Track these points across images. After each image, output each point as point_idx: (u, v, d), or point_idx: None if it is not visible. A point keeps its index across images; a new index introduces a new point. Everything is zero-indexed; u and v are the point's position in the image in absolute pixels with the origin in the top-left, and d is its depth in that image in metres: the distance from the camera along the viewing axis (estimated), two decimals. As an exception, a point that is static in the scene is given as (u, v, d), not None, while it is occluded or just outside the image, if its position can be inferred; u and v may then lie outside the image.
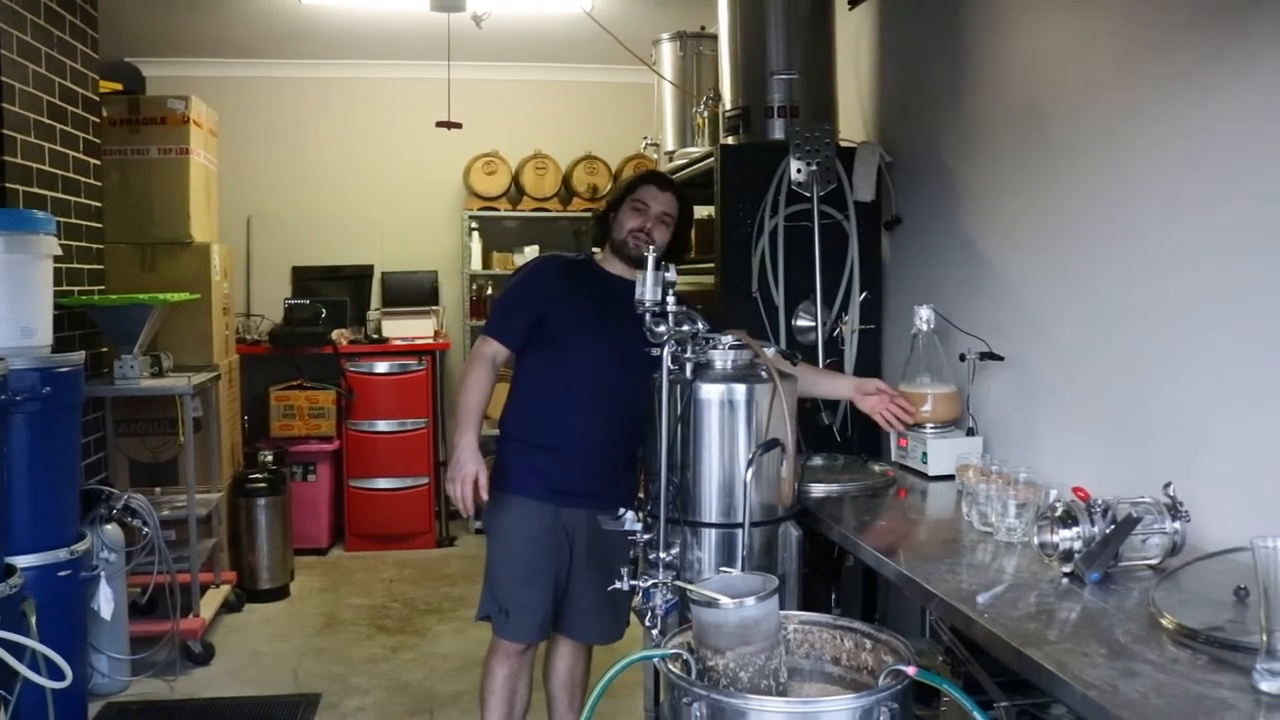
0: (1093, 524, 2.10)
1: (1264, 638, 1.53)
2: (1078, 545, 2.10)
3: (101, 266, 4.93)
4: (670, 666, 1.89)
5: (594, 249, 3.36)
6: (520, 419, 3.19)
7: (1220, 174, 2.29)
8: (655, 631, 2.41)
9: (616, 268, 3.19)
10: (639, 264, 2.90)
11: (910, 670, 1.79)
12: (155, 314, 4.65)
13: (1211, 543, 2.21)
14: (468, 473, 2.98)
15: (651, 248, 2.69)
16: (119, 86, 5.93)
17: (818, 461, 3.35)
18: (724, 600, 1.88)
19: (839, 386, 3.28)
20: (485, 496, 3.01)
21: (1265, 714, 1.47)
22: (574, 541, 3.13)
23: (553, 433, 3.10)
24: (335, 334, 6.56)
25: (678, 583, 2.31)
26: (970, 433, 3.17)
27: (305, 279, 7.11)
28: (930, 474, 3.11)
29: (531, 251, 7.00)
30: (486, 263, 7.06)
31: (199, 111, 5.48)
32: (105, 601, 3.94)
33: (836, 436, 3.62)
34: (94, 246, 4.84)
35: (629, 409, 3.00)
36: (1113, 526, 2.08)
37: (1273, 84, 2.14)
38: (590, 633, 3.27)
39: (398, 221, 7.30)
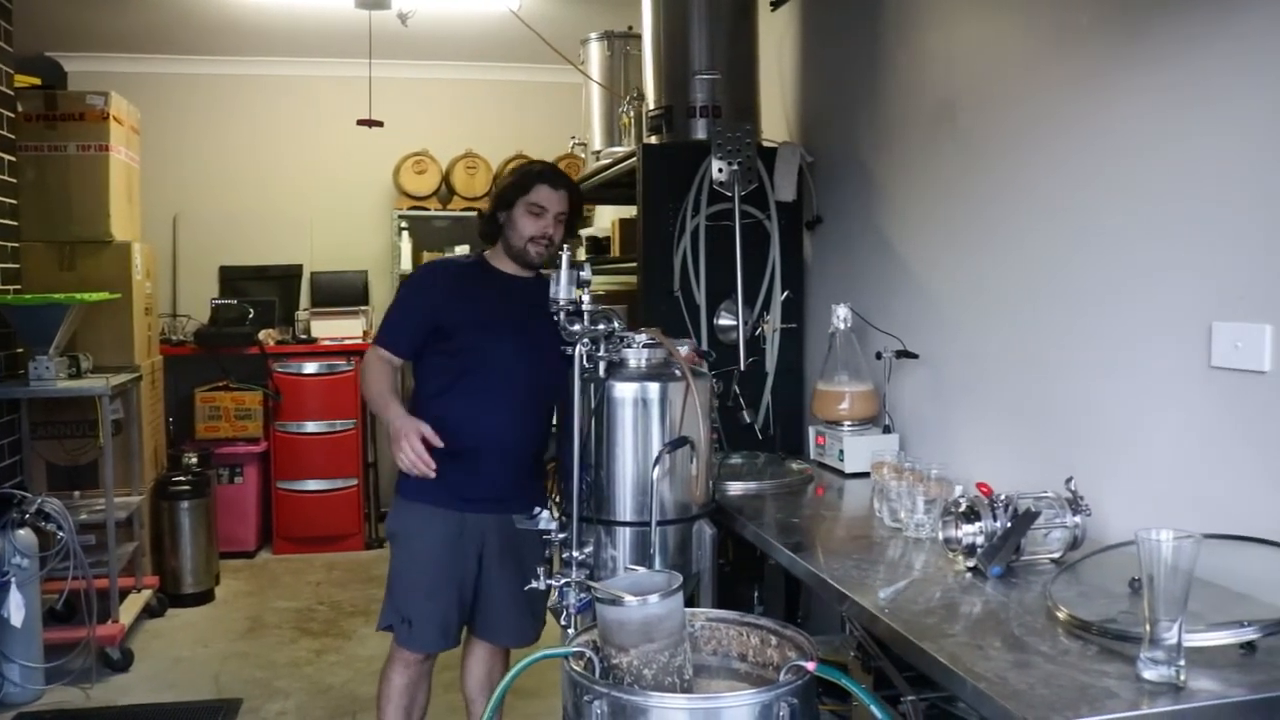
0: (995, 519, 2.13)
1: (1148, 628, 1.55)
2: (980, 540, 2.13)
3: (16, 265, 4.83)
4: (573, 664, 1.88)
5: (486, 247, 3.23)
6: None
7: (1121, 171, 2.33)
8: (570, 630, 2.40)
9: (510, 266, 3.12)
10: (534, 266, 3.04)
11: (810, 666, 1.80)
12: (72, 314, 4.56)
13: (1114, 536, 2.25)
14: (407, 429, 2.86)
15: (566, 249, 2.66)
16: (38, 81, 5.80)
17: (737, 460, 3.37)
18: (627, 598, 1.88)
19: None
20: (439, 442, 2.87)
21: (1148, 701, 1.50)
22: (484, 545, 3.07)
23: (457, 439, 2.96)
24: (263, 334, 6.48)
25: (585, 581, 2.30)
26: (887, 430, 3.20)
27: (232, 279, 7.02)
28: (847, 471, 3.14)
29: (462, 251, 6.95)
30: (417, 262, 6.99)
31: (119, 108, 5.38)
32: (15, 608, 3.86)
33: (758, 435, 3.64)
34: (8, 245, 4.74)
35: (535, 408, 3.01)
36: (1013, 521, 2.11)
37: (1168, 82, 2.19)
38: (504, 635, 3.21)
39: (327, 221, 7.23)
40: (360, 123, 5.50)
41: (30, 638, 4.11)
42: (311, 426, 6.48)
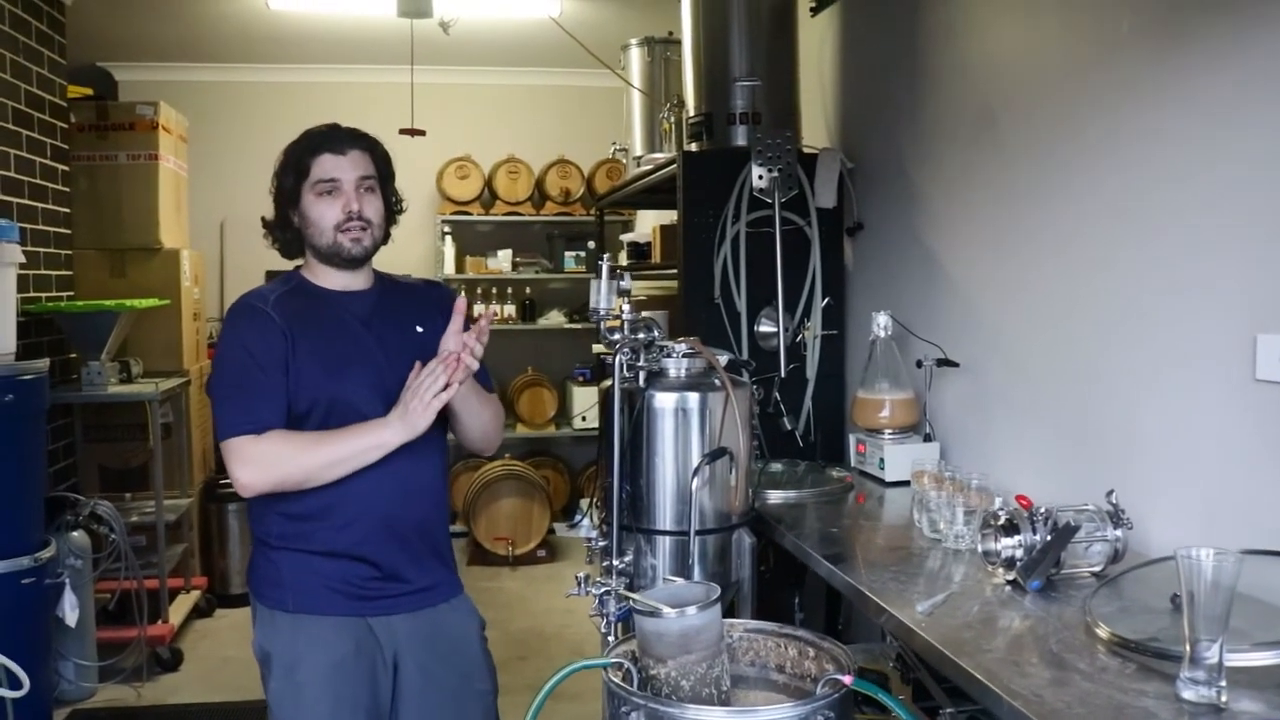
0: (1034, 532, 2.12)
1: (1188, 647, 1.54)
2: (1019, 553, 2.12)
3: (70, 272, 4.94)
4: (611, 675, 1.90)
5: (298, 264, 2.61)
6: (288, 520, 2.35)
7: (1164, 179, 2.31)
8: (610, 639, 2.42)
9: (336, 280, 2.49)
10: (359, 263, 2.49)
11: (847, 680, 1.81)
12: (123, 320, 4.65)
13: (1156, 549, 2.24)
14: (405, 402, 2.24)
15: (606, 257, 2.66)
16: (90, 91, 5.91)
17: (778, 467, 3.37)
18: (665, 610, 1.90)
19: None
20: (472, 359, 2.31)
21: (1186, 722, 1.49)
22: (400, 656, 2.41)
23: (340, 525, 2.33)
24: (309, 338, 6.53)
25: (623, 592, 2.32)
26: (927, 439, 3.19)
27: (279, 283, 7.09)
28: (887, 480, 3.13)
29: (505, 256, 7.03)
30: (460, 267, 7.06)
31: (168, 117, 5.48)
32: (70, 608, 3.95)
33: (799, 442, 3.64)
34: (62, 253, 4.84)
35: (422, 457, 2.38)
36: (1053, 534, 2.10)
37: (1209, 90, 2.17)
38: None
39: (371, 225, 7.28)
40: (402, 132, 5.54)
41: (84, 637, 4.21)
42: (356, 429, 6.51)
